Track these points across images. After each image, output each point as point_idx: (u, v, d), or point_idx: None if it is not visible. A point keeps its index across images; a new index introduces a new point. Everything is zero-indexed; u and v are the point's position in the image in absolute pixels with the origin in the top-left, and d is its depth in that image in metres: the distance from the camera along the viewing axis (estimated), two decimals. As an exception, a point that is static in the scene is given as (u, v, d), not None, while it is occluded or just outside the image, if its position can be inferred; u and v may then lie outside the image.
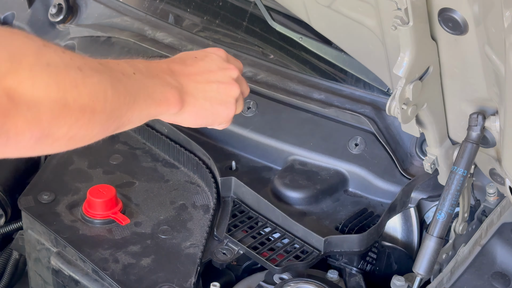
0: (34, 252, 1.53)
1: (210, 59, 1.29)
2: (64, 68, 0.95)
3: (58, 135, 0.95)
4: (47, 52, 0.95)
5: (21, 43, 0.92)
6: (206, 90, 1.24)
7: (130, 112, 1.08)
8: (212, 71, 1.27)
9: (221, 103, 1.26)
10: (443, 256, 1.39)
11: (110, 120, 1.04)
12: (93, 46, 1.98)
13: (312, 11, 1.38)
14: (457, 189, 1.25)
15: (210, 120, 1.27)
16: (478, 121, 1.21)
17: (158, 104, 1.14)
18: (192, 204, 1.55)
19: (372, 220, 1.51)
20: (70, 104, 0.94)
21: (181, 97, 1.19)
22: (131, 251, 1.43)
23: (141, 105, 1.10)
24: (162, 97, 1.15)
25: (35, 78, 0.90)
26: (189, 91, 1.21)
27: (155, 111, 1.15)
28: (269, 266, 1.41)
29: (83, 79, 0.97)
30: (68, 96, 0.94)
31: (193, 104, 1.22)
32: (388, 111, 1.18)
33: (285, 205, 1.55)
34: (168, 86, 1.17)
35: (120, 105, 1.05)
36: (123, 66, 1.09)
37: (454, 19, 1.04)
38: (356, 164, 1.59)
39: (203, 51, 1.32)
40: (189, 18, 1.98)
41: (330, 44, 1.70)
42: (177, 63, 1.24)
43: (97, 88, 0.99)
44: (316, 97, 1.68)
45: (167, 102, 1.16)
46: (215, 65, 1.28)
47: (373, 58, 1.35)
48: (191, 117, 1.23)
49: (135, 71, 1.11)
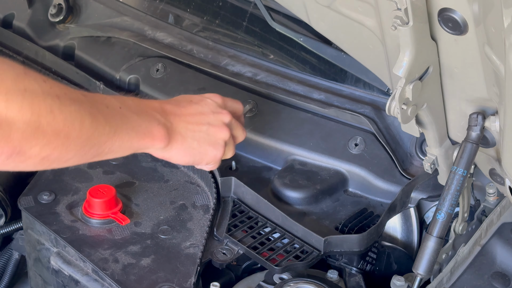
0: (34, 252, 1.53)
1: (204, 103, 1.38)
2: (41, 95, 1.02)
3: (30, 154, 1.03)
4: (26, 79, 1.02)
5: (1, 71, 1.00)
6: (195, 130, 1.33)
7: (110, 142, 1.15)
8: (204, 114, 1.35)
9: (210, 144, 1.35)
10: (443, 256, 1.39)
11: (86, 147, 1.11)
12: (93, 46, 1.99)
13: (312, 11, 1.38)
14: (457, 189, 1.25)
15: (198, 159, 1.35)
16: (478, 121, 1.22)
17: (142, 137, 1.22)
18: (192, 204, 1.56)
19: (372, 220, 1.51)
20: (43, 127, 1.02)
21: (168, 134, 1.27)
22: (131, 251, 1.43)
23: (123, 137, 1.17)
24: (146, 131, 1.23)
25: (9, 101, 0.98)
26: (178, 129, 1.30)
27: (138, 144, 1.22)
28: (269, 266, 1.41)
29: (60, 106, 1.04)
30: (42, 120, 1.01)
31: (181, 142, 1.30)
32: (388, 111, 1.18)
33: (285, 205, 1.55)
34: (155, 122, 1.25)
35: (98, 134, 1.12)
36: (110, 100, 1.17)
37: (454, 19, 1.04)
38: (356, 164, 1.59)
39: (200, 95, 1.40)
40: (189, 18, 1.98)
41: (330, 44, 1.70)
42: (171, 104, 1.33)
43: (74, 115, 1.07)
44: (316, 97, 1.69)
45: (152, 136, 1.24)
46: (208, 109, 1.37)
47: (373, 58, 1.35)
48: (178, 154, 1.31)
49: (122, 105, 1.19)
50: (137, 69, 1.88)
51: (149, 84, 1.84)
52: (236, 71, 1.79)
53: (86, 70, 1.92)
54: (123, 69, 1.89)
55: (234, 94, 1.74)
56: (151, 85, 1.83)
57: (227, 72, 1.79)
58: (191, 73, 1.82)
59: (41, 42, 2.08)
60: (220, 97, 1.43)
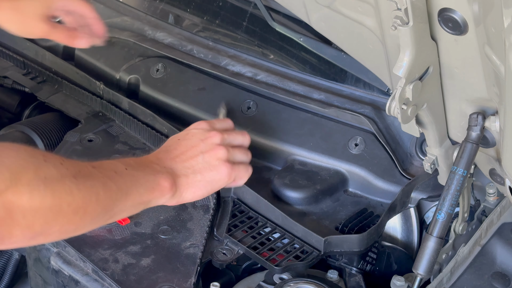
0: (34, 252, 1.53)
1: (191, 135, 1.41)
2: (60, 179, 1.08)
3: (50, 233, 1.09)
4: (46, 166, 1.07)
5: (22, 162, 1.04)
6: (193, 165, 1.36)
7: (122, 204, 1.21)
8: (194, 146, 1.38)
9: (211, 169, 1.37)
10: (443, 256, 1.39)
11: (101, 215, 1.17)
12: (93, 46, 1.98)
13: (312, 11, 1.38)
14: (457, 189, 1.25)
15: (209, 189, 1.38)
16: (478, 121, 1.21)
17: (151, 191, 1.26)
18: (192, 204, 1.55)
19: (372, 220, 1.51)
20: (64, 209, 1.07)
21: (173, 180, 1.31)
22: (131, 251, 1.43)
23: (134, 196, 1.23)
24: (154, 185, 1.27)
25: (33, 191, 1.03)
26: (178, 172, 1.33)
27: (148, 197, 1.27)
28: (269, 266, 1.41)
29: (77, 186, 1.10)
30: (62, 203, 1.07)
31: (186, 182, 1.34)
32: (388, 111, 1.18)
33: (285, 205, 1.55)
34: (159, 174, 1.29)
35: (112, 201, 1.18)
36: (115, 165, 1.23)
37: (454, 19, 1.04)
38: (356, 164, 1.59)
39: (185, 130, 1.44)
40: (189, 18, 1.98)
41: (330, 44, 1.70)
42: (163, 151, 1.37)
43: (90, 192, 1.12)
44: (316, 97, 1.69)
45: (160, 187, 1.28)
46: (197, 138, 1.40)
47: (373, 58, 1.35)
48: (189, 194, 1.35)
49: (127, 166, 1.24)
50: (137, 69, 1.88)
51: (149, 84, 1.84)
52: (236, 71, 1.79)
53: (86, 70, 1.92)
54: (123, 69, 1.89)
55: (234, 94, 1.74)
56: (151, 85, 1.84)
57: (227, 72, 1.79)
58: (191, 73, 1.82)
59: (41, 42, 2.08)
60: (204, 123, 1.45)
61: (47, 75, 1.94)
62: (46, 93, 1.89)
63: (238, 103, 1.72)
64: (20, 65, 2.00)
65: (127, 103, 1.79)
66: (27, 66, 1.99)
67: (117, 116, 1.78)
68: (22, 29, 1.54)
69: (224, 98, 1.74)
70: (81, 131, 1.73)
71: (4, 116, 1.92)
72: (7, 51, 2.03)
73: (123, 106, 1.80)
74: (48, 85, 1.92)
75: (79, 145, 1.68)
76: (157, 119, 1.70)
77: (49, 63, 1.98)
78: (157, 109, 1.77)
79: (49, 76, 1.93)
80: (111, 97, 1.82)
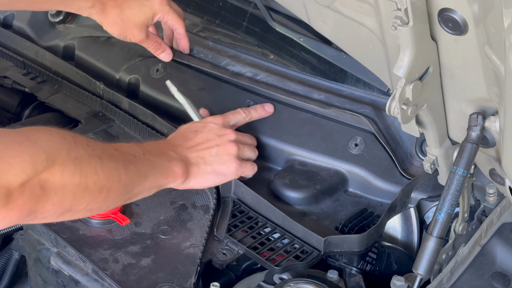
0: (34, 252, 1.53)
1: (208, 129, 1.52)
2: (87, 159, 1.19)
3: (78, 209, 1.20)
4: (75, 147, 1.18)
5: (57, 144, 1.16)
6: (205, 156, 1.47)
7: (141, 186, 1.32)
8: (210, 139, 1.50)
9: (222, 163, 1.48)
10: (443, 256, 1.39)
11: (122, 195, 1.28)
12: (93, 46, 1.99)
13: (312, 11, 1.38)
14: (457, 189, 1.25)
15: (216, 180, 1.50)
16: (478, 121, 1.22)
17: (166, 176, 1.37)
18: (192, 205, 1.56)
19: (372, 220, 1.51)
20: (90, 187, 1.19)
21: (186, 168, 1.42)
22: (131, 251, 1.43)
23: (151, 179, 1.34)
24: (169, 170, 1.38)
25: (64, 170, 1.14)
26: (191, 161, 1.44)
27: (163, 182, 1.38)
28: (269, 266, 1.41)
29: (102, 165, 1.21)
30: (88, 181, 1.18)
31: (196, 171, 1.45)
32: (388, 111, 1.18)
33: (285, 205, 1.55)
34: (174, 161, 1.40)
35: (131, 182, 1.29)
36: (134, 149, 1.34)
37: (454, 19, 1.04)
38: (356, 164, 1.59)
39: (202, 121, 1.56)
40: (189, 18, 1.98)
41: (330, 44, 1.70)
42: (180, 139, 1.48)
43: (113, 172, 1.24)
44: (316, 97, 1.68)
45: (174, 173, 1.39)
46: (213, 133, 1.51)
47: (373, 58, 1.35)
48: (197, 182, 1.46)
49: (144, 151, 1.35)
50: (137, 69, 1.88)
51: (149, 84, 1.84)
52: (236, 71, 1.79)
53: (86, 70, 1.92)
54: (123, 69, 1.89)
55: (234, 94, 1.74)
56: (151, 85, 1.83)
57: (227, 72, 1.79)
58: (191, 73, 1.82)
59: (41, 42, 2.08)
60: (220, 117, 1.57)
61: (47, 75, 1.94)
62: (46, 93, 1.89)
63: (238, 103, 1.72)
64: (20, 65, 2.00)
65: (127, 103, 1.79)
66: (27, 66, 1.99)
67: (117, 116, 1.78)
68: (122, 34, 1.73)
69: (224, 98, 1.74)
70: (81, 131, 1.72)
71: (4, 116, 1.92)
72: (7, 51, 2.03)
73: (123, 106, 1.80)
74: (48, 85, 1.92)
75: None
76: (157, 119, 1.70)
77: (49, 63, 1.98)
78: (157, 109, 1.77)
79: (49, 76, 1.93)
80: (111, 97, 1.82)
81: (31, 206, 1.11)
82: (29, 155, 1.11)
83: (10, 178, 1.08)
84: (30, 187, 1.10)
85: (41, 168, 1.11)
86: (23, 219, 1.12)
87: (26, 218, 1.13)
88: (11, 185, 1.08)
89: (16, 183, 1.08)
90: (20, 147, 1.11)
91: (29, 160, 1.10)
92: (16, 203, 1.08)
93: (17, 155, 1.10)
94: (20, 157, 1.10)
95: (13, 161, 1.09)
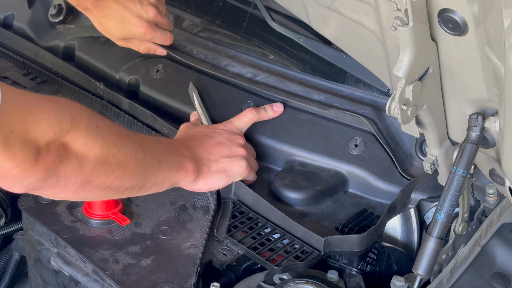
0: (34, 252, 1.53)
1: (219, 133, 1.54)
2: (108, 130, 1.21)
3: (97, 183, 1.19)
4: (96, 117, 1.20)
5: (78, 109, 1.17)
6: (217, 159, 1.48)
7: (156, 174, 1.31)
8: (222, 144, 1.51)
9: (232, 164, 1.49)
10: (443, 257, 1.39)
11: (139, 177, 1.27)
12: (93, 46, 1.99)
13: (312, 11, 1.38)
14: (457, 190, 1.25)
15: (224, 182, 1.50)
16: (477, 121, 1.22)
17: (178, 170, 1.37)
18: (192, 205, 1.56)
19: (372, 221, 1.51)
20: (109, 159, 1.19)
21: (197, 167, 1.42)
22: (131, 251, 1.43)
23: (165, 169, 1.34)
24: (181, 165, 1.38)
25: (87, 136, 1.15)
26: (203, 162, 1.45)
27: (175, 177, 1.38)
28: (269, 266, 1.41)
29: (120, 140, 1.22)
30: (108, 152, 1.19)
31: (206, 172, 1.45)
32: (388, 111, 1.18)
33: (285, 206, 1.55)
34: (186, 157, 1.40)
35: (147, 165, 1.29)
36: (149, 138, 1.35)
37: (454, 19, 1.04)
38: (356, 165, 1.59)
39: (211, 127, 1.59)
40: (189, 18, 1.98)
41: (330, 44, 1.70)
42: (192, 140, 1.49)
43: (131, 149, 1.24)
44: (316, 98, 1.68)
45: (185, 169, 1.39)
46: (224, 138, 1.53)
47: (372, 58, 1.35)
48: (206, 184, 1.46)
49: (159, 142, 1.36)
50: (137, 69, 1.88)
51: (149, 85, 1.84)
52: (236, 72, 1.79)
53: (86, 71, 1.92)
54: (123, 70, 1.89)
55: (234, 95, 1.74)
56: (151, 86, 1.84)
57: (227, 73, 1.79)
58: (191, 74, 1.82)
59: (41, 43, 2.08)
60: (229, 124, 1.60)
61: (47, 75, 1.94)
62: (46, 94, 1.89)
63: (238, 104, 1.72)
64: (20, 65, 2.00)
65: (127, 103, 1.79)
66: (27, 66, 1.99)
67: (117, 116, 1.78)
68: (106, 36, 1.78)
69: (224, 99, 1.74)
70: (81, 132, 1.72)
71: (4, 117, 1.92)
72: (7, 51, 2.04)
73: (123, 107, 1.80)
74: (48, 86, 1.93)
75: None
76: (157, 120, 1.70)
77: (49, 63, 1.98)
78: (157, 110, 1.77)
79: (49, 76, 1.93)
80: (111, 98, 1.82)
81: (56, 165, 1.11)
82: (55, 112, 1.11)
83: (38, 133, 1.08)
84: (55, 146, 1.11)
85: (66, 128, 1.12)
86: (47, 179, 1.11)
87: (50, 180, 1.12)
88: (40, 141, 1.08)
89: (44, 140, 1.09)
90: (46, 104, 1.12)
91: (55, 117, 1.11)
92: (43, 160, 1.09)
93: (44, 111, 1.10)
94: (47, 113, 1.10)
95: (41, 116, 1.09)
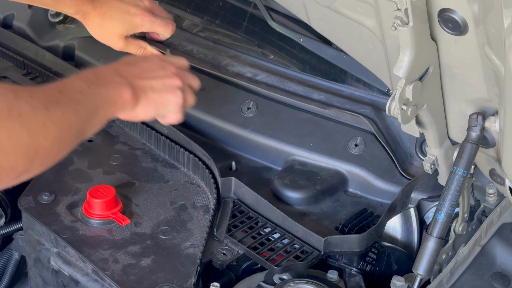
0: (34, 252, 1.53)
1: (150, 59, 1.49)
2: (33, 113, 1.09)
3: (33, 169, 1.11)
4: (18, 103, 1.07)
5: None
6: (153, 85, 1.41)
7: (91, 123, 1.25)
8: (154, 69, 1.45)
9: (168, 92, 1.44)
10: (443, 257, 1.39)
11: (75, 139, 1.21)
12: (93, 46, 1.98)
13: (312, 11, 1.38)
14: (457, 190, 1.25)
15: (161, 110, 1.44)
16: (478, 121, 1.22)
17: (114, 105, 1.31)
18: (192, 205, 1.56)
19: (372, 221, 1.51)
20: (42, 143, 1.10)
21: (134, 94, 1.35)
22: (131, 251, 1.43)
23: (100, 113, 1.27)
24: (117, 98, 1.32)
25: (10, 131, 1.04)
26: (139, 87, 1.38)
27: (112, 111, 1.32)
28: (269, 266, 1.41)
29: (50, 117, 1.12)
30: (39, 138, 1.09)
31: (144, 98, 1.39)
32: (388, 111, 1.18)
33: (285, 206, 1.55)
34: (122, 86, 1.34)
35: (83, 125, 1.22)
36: (79, 85, 1.24)
37: (454, 19, 1.04)
38: (356, 164, 1.59)
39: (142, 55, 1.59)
40: (189, 18, 1.98)
41: (330, 44, 1.70)
42: (122, 65, 1.42)
43: (63, 120, 1.15)
44: (316, 97, 1.68)
45: (122, 100, 1.33)
46: (156, 64, 1.47)
47: (373, 58, 1.35)
48: (143, 110, 1.39)
49: (89, 84, 1.26)
50: (137, 69, 1.88)
51: (149, 84, 1.84)
52: (236, 71, 1.79)
53: (86, 71, 1.92)
54: (123, 70, 1.89)
55: (234, 95, 1.74)
56: (151, 85, 1.83)
57: (227, 72, 1.79)
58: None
59: (41, 43, 2.08)
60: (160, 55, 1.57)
61: (47, 75, 1.94)
62: (46, 94, 1.89)
63: (238, 104, 1.72)
64: (20, 65, 2.00)
65: (127, 103, 1.79)
66: (27, 66, 1.99)
67: (117, 116, 1.78)
68: (103, 41, 1.77)
69: (224, 98, 1.74)
70: (81, 131, 1.72)
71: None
72: (7, 51, 2.03)
73: (123, 106, 1.79)
74: (48, 86, 1.92)
75: (79, 145, 1.68)
76: (156, 120, 1.70)
77: (49, 63, 1.98)
78: (157, 110, 1.77)
79: (49, 76, 1.93)
80: (111, 97, 1.82)
81: None
82: None
83: None
84: None
85: None
86: None
87: None
88: None
89: None
90: None
91: None
92: None
93: None
94: None
95: None
